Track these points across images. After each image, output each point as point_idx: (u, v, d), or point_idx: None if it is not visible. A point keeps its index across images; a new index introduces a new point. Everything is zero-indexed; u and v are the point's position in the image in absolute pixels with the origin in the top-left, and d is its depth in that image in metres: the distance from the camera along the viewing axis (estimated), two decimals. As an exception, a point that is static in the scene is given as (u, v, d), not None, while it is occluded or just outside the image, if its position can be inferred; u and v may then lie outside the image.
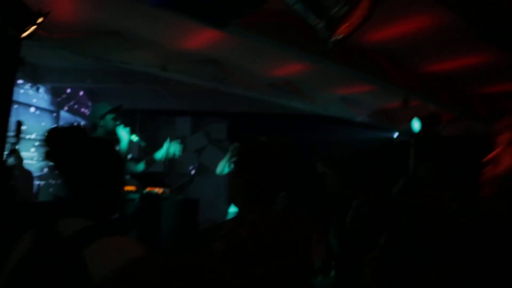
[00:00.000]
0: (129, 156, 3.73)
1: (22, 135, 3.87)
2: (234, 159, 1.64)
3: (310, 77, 4.34)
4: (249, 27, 2.96)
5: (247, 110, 6.18)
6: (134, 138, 3.36)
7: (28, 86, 4.64)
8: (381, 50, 3.51)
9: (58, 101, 5.26)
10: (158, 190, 5.40)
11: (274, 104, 5.28)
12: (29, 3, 2.42)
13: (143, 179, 6.22)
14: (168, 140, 3.79)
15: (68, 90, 5.37)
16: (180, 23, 3.08)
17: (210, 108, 6.40)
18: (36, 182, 4.65)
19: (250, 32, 2.98)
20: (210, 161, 6.28)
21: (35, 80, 4.68)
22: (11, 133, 3.53)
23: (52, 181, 4.83)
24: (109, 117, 3.09)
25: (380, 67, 3.67)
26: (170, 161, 6.38)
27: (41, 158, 4.52)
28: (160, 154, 3.62)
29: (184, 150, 6.58)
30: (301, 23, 3.03)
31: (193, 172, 5.65)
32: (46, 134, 1.18)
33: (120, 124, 3.18)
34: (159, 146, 6.69)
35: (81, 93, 5.64)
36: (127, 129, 3.25)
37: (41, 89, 4.87)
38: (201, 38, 3.47)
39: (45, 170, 4.80)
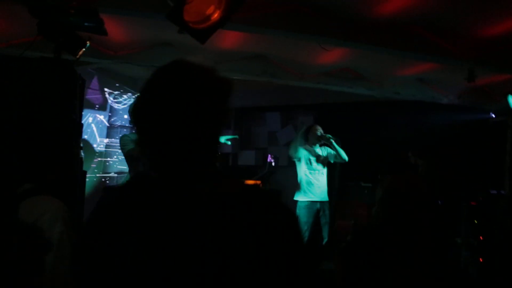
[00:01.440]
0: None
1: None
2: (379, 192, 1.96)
3: (364, 61, 4.17)
4: (278, 24, 3.15)
5: (333, 101, 6.16)
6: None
7: (127, 96, 5.62)
8: (415, 20, 3.17)
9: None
10: (247, 182, 5.83)
11: (356, 94, 5.19)
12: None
13: (237, 172, 6.77)
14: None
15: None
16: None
17: (298, 101, 6.58)
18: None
19: (284, 28, 3.16)
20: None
21: (135, 89, 5.64)
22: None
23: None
24: None
25: (424, 41, 3.32)
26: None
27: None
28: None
29: (275, 143, 6.93)
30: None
31: (272, 162, 5.92)
32: None
33: None
34: (253, 140, 7.15)
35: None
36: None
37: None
38: (238, 36, 3.75)
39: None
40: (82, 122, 3.20)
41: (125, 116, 5.71)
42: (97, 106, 5.30)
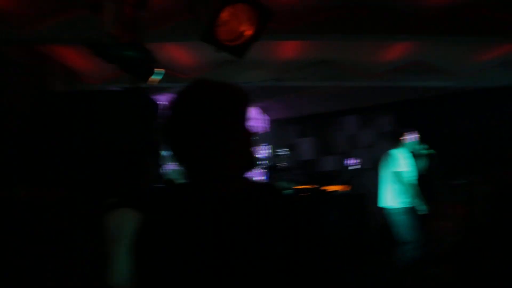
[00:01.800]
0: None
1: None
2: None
3: (435, 52, 3.95)
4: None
5: (410, 98, 5.89)
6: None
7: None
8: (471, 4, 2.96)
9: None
10: (329, 188, 5.84)
11: (434, 87, 4.95)
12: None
13: (318, 178, 6.76)
14: None
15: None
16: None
17: (374, 102, 6.40)
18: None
19: (342, 32, 3.21)
20: (381, 154, 6.23)
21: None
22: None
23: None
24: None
25: (495, 21, 3.07)
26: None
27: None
28: None
29: (354, 147, 6.79)
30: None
31: (353, 166, 5.82)
32: None
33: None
34: (332, 145, 7.11)
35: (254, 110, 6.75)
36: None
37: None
38: (297, 45, 3.84)
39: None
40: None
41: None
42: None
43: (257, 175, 5.97)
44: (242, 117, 1.09)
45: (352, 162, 5.79)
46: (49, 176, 3.09)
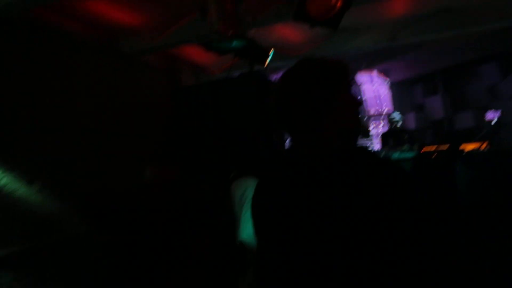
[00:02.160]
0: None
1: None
2: None
3: None
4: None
5: None
6: None
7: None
8: None
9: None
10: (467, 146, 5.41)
11: None
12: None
13: (453, 137, 6.23)
14: None
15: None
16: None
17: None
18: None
19: None
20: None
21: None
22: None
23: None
24: None
25: None
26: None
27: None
28: None
29: (497, 98, 6.00)
30: None
31: (493, 120, 5.22)
32: None
33: None
34: (468, 99, 6.54)
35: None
36: None
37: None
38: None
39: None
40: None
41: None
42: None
43: (371, 142, 5.80)
44: (343, 88, 1.18)
45: (493, 116, 5.18)
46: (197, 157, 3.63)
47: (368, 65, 5.85)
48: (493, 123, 5.14)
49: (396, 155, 4.06)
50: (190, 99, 3.99)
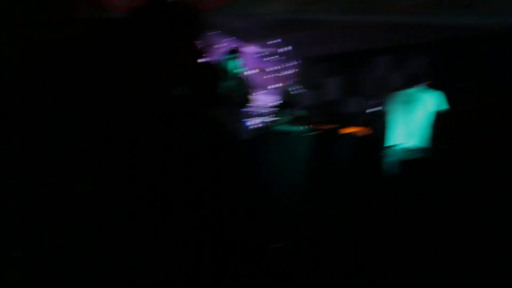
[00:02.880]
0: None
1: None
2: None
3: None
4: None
5: (446, 38, 5.54)
6: None
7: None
8: None
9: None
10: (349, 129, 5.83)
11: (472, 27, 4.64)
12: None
13: (340, 118, 6.74)
14: None
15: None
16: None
17: (407, 42, 6.09)
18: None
19: None
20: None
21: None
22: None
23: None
24: None
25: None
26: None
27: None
28: None
29: (386, 89, 6.59)
30: None
31: (375, 108, 5.73)
32: None
33: None
34: (359, 86, 7.01)
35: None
36: None
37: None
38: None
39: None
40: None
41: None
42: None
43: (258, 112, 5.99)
44: (186, 36, 1.16)
45: (374, 104, 5.70)
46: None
47: (278, 35, 5.94)
48: (374, 110, 5.66)
49: (281, 127, 4.27)
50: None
